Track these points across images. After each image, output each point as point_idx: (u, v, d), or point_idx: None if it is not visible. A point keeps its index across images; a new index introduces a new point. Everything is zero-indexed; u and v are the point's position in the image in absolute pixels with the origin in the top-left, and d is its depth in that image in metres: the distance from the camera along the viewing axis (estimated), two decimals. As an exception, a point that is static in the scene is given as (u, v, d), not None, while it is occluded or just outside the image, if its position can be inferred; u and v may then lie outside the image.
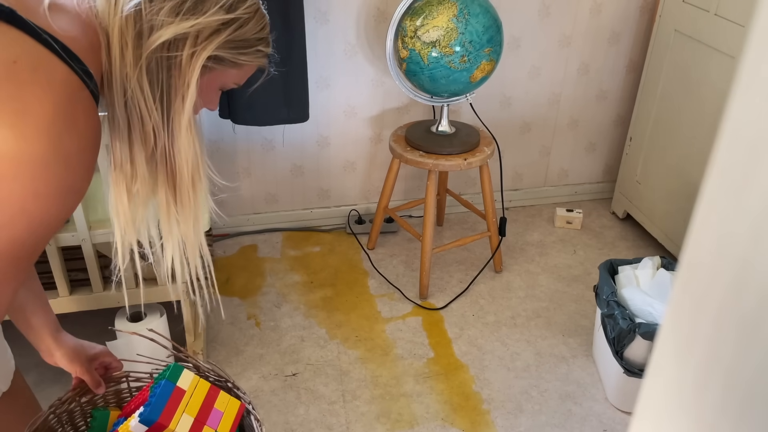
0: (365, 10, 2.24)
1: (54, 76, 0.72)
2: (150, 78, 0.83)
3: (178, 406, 1.03)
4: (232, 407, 1.08)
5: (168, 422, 1.00)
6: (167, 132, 0.89)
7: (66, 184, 0.75)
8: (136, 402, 1.08)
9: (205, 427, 1.03)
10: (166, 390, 1.03)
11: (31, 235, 0.75)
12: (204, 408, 1.05)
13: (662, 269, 1.86)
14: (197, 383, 1.07)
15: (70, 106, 0.73)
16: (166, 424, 1.00)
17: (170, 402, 1.02)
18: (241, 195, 2.48)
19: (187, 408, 1.03)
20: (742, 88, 0.32)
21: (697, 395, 0.37)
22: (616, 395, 1.80)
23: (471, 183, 2.67)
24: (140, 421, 0.99)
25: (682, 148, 2.23)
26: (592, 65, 2.52)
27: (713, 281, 0.35)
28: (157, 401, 1.01)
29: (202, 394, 1.06)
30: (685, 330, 0.38)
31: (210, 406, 1.06)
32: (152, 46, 0.81)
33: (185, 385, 1.06)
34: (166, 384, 1.04)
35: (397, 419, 1.76)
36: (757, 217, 0.32)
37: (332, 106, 2.38)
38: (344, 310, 2.15)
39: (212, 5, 0.85)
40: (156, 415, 1.00)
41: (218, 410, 1.07)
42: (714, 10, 2.02)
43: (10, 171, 0.70)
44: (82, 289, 1.73)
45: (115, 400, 1.19)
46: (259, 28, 0.98)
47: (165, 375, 1.06)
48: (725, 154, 0.34)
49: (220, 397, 1.08)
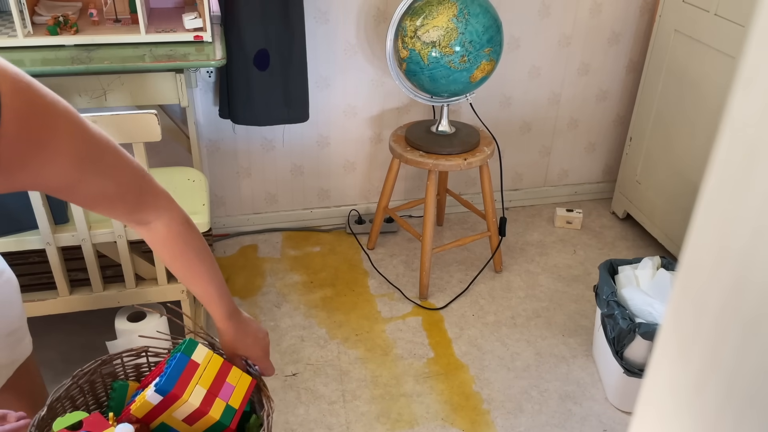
0: (365, 10, 2.24)
1: None
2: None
3: (192, 378, 1.06)
4: (243, 382, 1.12)
5: (182, 392, 1.04)
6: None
7: None
8: (154, 375, 1.12)
9: (216, 399, 1.07)
10: (181, 362, 1.07)
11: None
12: (216, 381, 1.09)
13: (662, 269, 1.86)
14: (211, 357, 1.11)
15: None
16: (179, 395, 1.03)
17: (184, 374, 1.06)
18: (241, 195, 2.48)
19: (201, 380, 1.07)
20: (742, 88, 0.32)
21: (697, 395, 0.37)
22: (616, 395, 1.80)
23: (471, 183, 2.67)
24: (156, 391, 1.03)
25: (682, 148, 2.23)
26: (592, 65, 2.52)
27: (713, 281, 0.35)
28: (172, 372, 1.05)
29: (215, 368, 1.10)
30: (685, 330, 0.38)
31: (222, 379, 1.10)
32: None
33: (199, 359, 1.09)
34: (181, 357, 1.08)
35: (397, 419, 1.76)
36: (757, 217, 0.32)
37: (332, 106, 2.38)
38: (344, 310, 2.15)
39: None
40: (170, 385, 1.03)
41: (230, 384, 1.10)
42: (714, 10, 2.02)
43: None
44: (82, 289, 1.73)
45: (135, 374, 1.23)
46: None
47: (180, 348, 1.09)
48: (725, 154, 0.34)
49: (233, 372, 1.12)
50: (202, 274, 1.06)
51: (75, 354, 1.90)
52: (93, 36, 1.77)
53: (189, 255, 1.03)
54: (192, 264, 1.04)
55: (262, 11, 2.02)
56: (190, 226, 1.02)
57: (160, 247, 1.01)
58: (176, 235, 0.99)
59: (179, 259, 1.03)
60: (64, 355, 1.89)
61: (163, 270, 1.70)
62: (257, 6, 2.01)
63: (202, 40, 1.83)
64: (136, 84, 1.82)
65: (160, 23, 1.89)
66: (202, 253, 1.05)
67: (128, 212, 0.93)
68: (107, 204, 0.90)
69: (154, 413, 1.05)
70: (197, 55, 1.76)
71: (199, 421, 1.07)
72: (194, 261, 1.04)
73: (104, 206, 0.90)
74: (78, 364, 1.16)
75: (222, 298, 1.10)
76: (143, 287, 1.73)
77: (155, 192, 0.94)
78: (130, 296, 1.71)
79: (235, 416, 1.08)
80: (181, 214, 1.00)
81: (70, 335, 1.95)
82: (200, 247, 1.05)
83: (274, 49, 2.10)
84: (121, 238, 1.63)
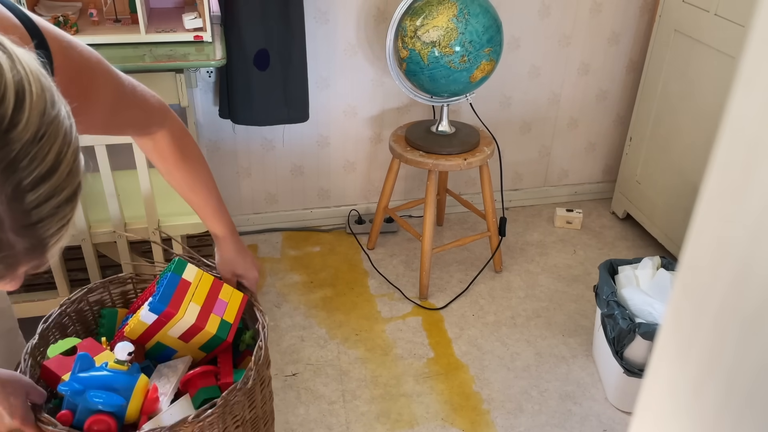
0: (365, 10, 2.24)
1: None
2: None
3: (185, 295, 1.08)
4: (236, 298, 1.13)
5: (176, 310, 1.05)
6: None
7: None
8: (143, 298, 1.13)
9: (211, 314, 1.08)
10: (172, 281, 1.08)
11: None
12: (209, 298, 1.10)
13: (662, 269, 1.86)
14: (201, 276, 1.12)
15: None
16: (174, 312, 1.04)
17: (177, 292, 1.07)
18: (241, 195, 2.48)
19: (194, 297, 1.08)
20: (742, 88, 0.32)
21: (697, 395, 0.37)
22: (616, 395, 1.80)
23: (471, 183, 2.67)
24: (150, 310, 1.04)
25: (682, 148, 2.23)
26: (592, 65, 2.52)
27: (713, 281, 0.35)
28: (165, 291, 1.06)
29: (207, 286, 1.11)
30: (685, 330, 0.38)
31: (215, 296, 1.11)
32: None
33: (190, 278, 1.10)
34: (172, 276, 1.08)
35: (397, 419, 1.76)
36: (757, 217, 0.32)
37: (332, 106, 2.38)
38: (344, 310, 2.15)
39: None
40: (164, 303, 1.04)
41: (223, 300, 1.11)
42: (714, 10, 2.02)
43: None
44: (82, 289, 1.73)
45: (122, 301, 1.24)
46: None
47: (170, 269, 1.10)
48: (725, 154, 0.34)
49: (224, 288, 1.13)
50: (202, 184, 1.09)
51: (75, 354, 1.90)
52: (93, 36, 1.77)
53: (189, 162, 1.07)
54: (193, 172, 1.08)
55: (262, 11, 2.02)
56: (188, 136, 1.07)
57: (164, 156, 1.05)
58: (178, 142, 1.04)
59: (180, 167, 1.06)
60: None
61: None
62: (257, 6, 2.01)
63: (202, 40, 1.83)
64: (136, 84, 1.82)
65: (160, 23, 1.89)
66: (201, 162, 1.09)
67: (141, 127, 1.00)
68: (131, 128, 0.99)
69: (149, 333, 1.05)
70: (197, 55, 1.76)
71: (195, 337, 1.07)
72: (195, 168, 1.08)
73: (129, 130, 1.00)
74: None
75: (224, 212, 1.12)
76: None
77: (158, 107, 1.01)
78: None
79: (231, 329, 1.09)
80: (180, 123, 1.06)
81: (70, 335, 1.95)
82: (198, 156, 1.09)
83: (274, 49, 2.10)
84: (121, 238, 1.63)
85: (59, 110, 0.56)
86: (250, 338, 1.17)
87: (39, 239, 0.56)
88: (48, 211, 0.55)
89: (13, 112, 0.51)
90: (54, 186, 0.55)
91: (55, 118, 0.55)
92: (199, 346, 1.09)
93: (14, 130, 0.52)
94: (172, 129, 1.04)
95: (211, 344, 1.09)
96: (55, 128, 0.55)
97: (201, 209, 1.11)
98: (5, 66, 0.52)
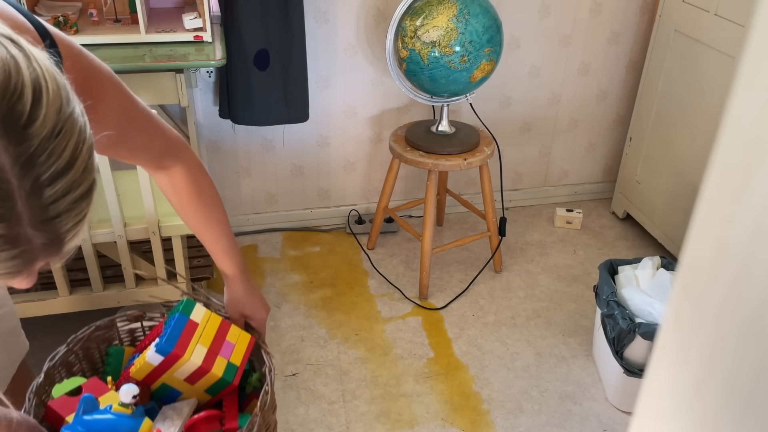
0: (365, 10, 2.24)
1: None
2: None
3: (192, 337, 1.07)
4: (243, 340, 1.13)
5: (183, 352, 1.04)
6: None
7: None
8: (151, 338, 1.12)
9: (218, 357, 1.08)
10: (180, 323, 1.07)
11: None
12: (217, 339, 1.09)
13: (662, 269, 1.86)
14: (209, 317, 1.11)
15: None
16: (180, 354, 1.04)
17: (184, 334, 1.06)
18: (241, 195, 2.48)
19: (201, 339, 1.07)
20: (742, 88, 0.32)
21: (697, 395, 0.37)
22: (616, 395, 1.80)
23: (471, 183, 2.67)
24: (156, 351, 1.03)
25: (682, 148, 2.23)
26: (592, 65, 2.52)
27: (713, 281, 0.35)
28: (172, 333, 1.05)
29: (214, 327, 1.11)
30: (685, 330, 0.38)
31: (222, 338, 1.10)
32: None
33: (198, 319, 1.10)
34: (180, 317, 1.08)
35: (397, 419, 1.76)
36: (757, 217, 0.32)
37: (332, 106, 2.38)
38: (344, 310, 2.15)
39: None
40: (171, 345, 1.04)
41: (230, 342, 1.11)
42: (714, 10, 2.02)
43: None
44: (82, 289, 1.73)
45: (129, 339, 1.23)
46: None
47: (178, 309, 1.10)
48: (725, 154, 0.34)
49: (232, 330, 1.12)
50: (216, 222, 1.08)
51: (75, 354, 1.90)
52: (93, 36, 1.78)
53: (204, 200, 1.06)
54: (207, 210, 1.07)
55: (262, 11, 2.02)
56: (205, 173, 1.06)
57: (178, 192, 1.04)
58: (193, 178, 1.03)
59: (195, 204, 1.05)
60: (64, 355, 1.89)
61: (163, 270, 1.70)
62: (257, 6, 2.01)
63: (202, 40, 1.83)
64: (136, 84, 1.82)
65: (160, 23, 1.89)
66: (216, 200, 1.08)
67: (155, 159, 0.99)
68: (143, 155, 0.97)
69: (155, 374, 1.05)
70: (197, 55, 1.76)
71: (201, 380, 1.07)
72: (209, 207, 1.07)
73: (140, 157, 0.98)
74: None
75: (234, 252, 1.12)
76: (143, 287, 1.73)
77: (175, 139, 1.00)
78: (130, 296, 1.71)
79: (237, 373, 1.09)
80: (197, 160, 1.04)
81: (70, 335, 1.95)
82: (214, 195, 1.08)
83: (274, 49, 2.10)
84: (121, 238, 1.63)
85: (74, 107, 0.57)
86: (257, 380, 1.16)
87: (56, 234, 0.57)
88: (65, 206, 0.56)
89: (31, 108, 0.52)
90: (71, 181, 0.56)
91: (70, 115, 0.56)
92: (205, 388, 1.09)
93: (32, 125, 0.53)
94: (189, 166, 1.02)
95: (216, 387, 1.09)
96: (71, 124, 0.56)
97: (212, 247, 1.11)
98: (22, 64, 0.53)
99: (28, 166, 0.53)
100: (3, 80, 0.51)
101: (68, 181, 0.55)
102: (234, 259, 1.12)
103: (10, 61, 0.52)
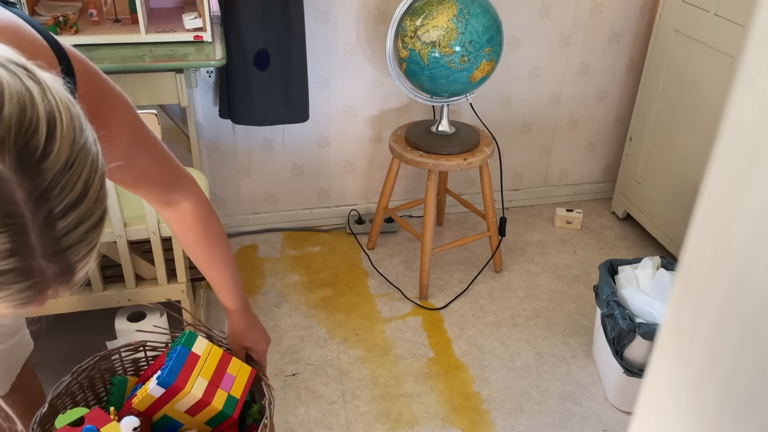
0: (365, 10, 2.24)
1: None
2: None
3: (193, 369, 1.08)
4: (243, 372, 1.14)
5: (184, 384, 1.05)
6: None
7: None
8: (153, 369, 1.14)
9: (218, 389, 1.09)
10: (181, 355, 1.08)
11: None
12: (218, 372, 1.11)
13: (662, 269, 1.86)
14: (211, 349, 1.13)
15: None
16: (182, 387, 1.05)
17: (186, 366, 1.07)
18: (241, 195, 2.48)
19: (202, 372, 1.09)
20: (742, 88, 0.32)
21: (697, 395, 0.37)
22: (616, 395, 1.80)
23: (471, 183, 2.67)
24: (158, 384, 1.04)
25: (682, 148, 2.23)
26: (592, 65, 2.52)
27: (713, 281, 0.35)
28: (174, 365, 1.06)
29: (215, 360, 1.12)
30: (685, 330, 0.38)
31: (223, 370, 1.12)
32: None
33: (200, 351, 1.11)
34: (182, 349, 1.09)
35: (397, 419, 1.76)
36: (757, 217, 0.32)
37: (332, 106, 2.38)
38: (344, 310, 2.15)
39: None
40: (173, 378, 1.05)
41: (231, 375, 1.12)
42: (714, 10, 2.02)
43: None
44: (82, 289, 1.73)
45: (133, 369, 1.25)
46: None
47: (180, 341, 1.11)
48: (725, 154, 0.34)
49: (233, 362, 1.14)
50: (221, 260, 1.08)
51: (74, 354, 1.89)
52: (93, 36, 1.77)
53: (211, 238, 1.06)
54: (212, 247, 1.07)
55: (262, 11, 2.02)
56: (212, 211, 1.06)
57: (185, 229, 1.04)
58: (201, 216, 1.03)
59: (201, 242, 1.05)
60: (63, 355, 1.89)
61: (163, 270, 1.70)
62: (257, 6, 2.01)
63: (202, 40, 1.83)
64: (136, 84, 1.82)
65: (160, 23, 1.89)
66: (222, 238, 1.08)
67: (163, 192, 0.98)
68: (148, 184, 0.95)
69: (156, 406, 1.06)
70: (197, 55, 1.76)
71: (201, 412, 1.08)
72: (215, 245, 1.07)
73: (145, 186, 0.96)
74: (78, 364, 1.16)
75: (238, 287, 1.12)
76: (143, 287, 1.73)
77: (183, 174, 0.99)
78: (130, 296, 1.71)
79: (237, 406, 1.10)
80: (205, 197, 1.04)
81: (70, 335, 1.95)
82: (220, 233, 1.08)
83: (274, 49, 2.10)
84: (121, 238, 1.63)
85: (87, 137, 0.56)
86: (257, 412, 1.17)
87: (68, 264, 0.57)
88: (77, 237, 0.56)
89: (45, 142, 0.52)
90: (83, 212, 0.56)
91: (83, 146, 0.55)
92: (205, 420, 1.10)
93: (47, 160, 0.52)
94: (197, 203, 1.02)
95: (217, 419, 1.10)
96: (84, 155, 0.55)
97: (215, 282, 1.11)
98: (37, 97, 0.52)
99: (42, 200, 0.52)
100: (18, 115, 0.50)
101: (81, 213, 0.55)
102: (236, 294, 1.13)
103: (25, 95, 0.51)
